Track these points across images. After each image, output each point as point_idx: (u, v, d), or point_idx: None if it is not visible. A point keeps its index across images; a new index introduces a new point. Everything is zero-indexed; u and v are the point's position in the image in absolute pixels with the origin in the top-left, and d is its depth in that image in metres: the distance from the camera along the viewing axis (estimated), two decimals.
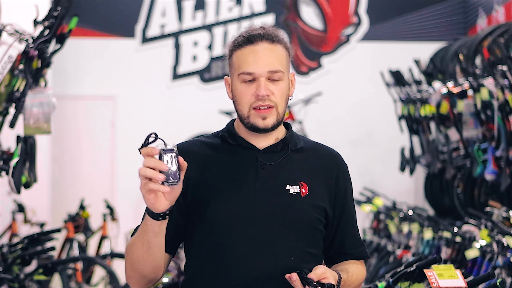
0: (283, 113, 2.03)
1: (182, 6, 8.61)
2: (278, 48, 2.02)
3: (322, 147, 2.14)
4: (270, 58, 2.00)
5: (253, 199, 1.99)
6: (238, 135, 2.07)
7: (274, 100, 2.00)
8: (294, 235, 2.00)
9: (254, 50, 2.00)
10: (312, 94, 7.99)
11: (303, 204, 2.01)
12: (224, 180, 2.01)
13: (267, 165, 2.03)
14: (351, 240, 2.13)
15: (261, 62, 1.99)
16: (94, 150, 8.50)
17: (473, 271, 4.17)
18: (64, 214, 6.95)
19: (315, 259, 2.04)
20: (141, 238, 1.93)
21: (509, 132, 4.89)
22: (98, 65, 8.52)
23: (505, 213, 4.57)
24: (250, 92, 1.99)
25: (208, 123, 7.98)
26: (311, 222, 2.02)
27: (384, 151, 8.11)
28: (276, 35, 2.03)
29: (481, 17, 7.74)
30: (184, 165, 1.83)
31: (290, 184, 2.02)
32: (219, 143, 2.08)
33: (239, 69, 2.01)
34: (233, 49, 2.03)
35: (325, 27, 8.71)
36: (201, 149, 2.07)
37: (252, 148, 2.05)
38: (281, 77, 2.01)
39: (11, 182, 4.09)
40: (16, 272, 4.29)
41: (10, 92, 4.09)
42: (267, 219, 1.98)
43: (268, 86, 1.99)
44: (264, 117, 1.99)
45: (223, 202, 1.97)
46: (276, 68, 2.00)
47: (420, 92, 6.71)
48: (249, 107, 2.00)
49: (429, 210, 7.13)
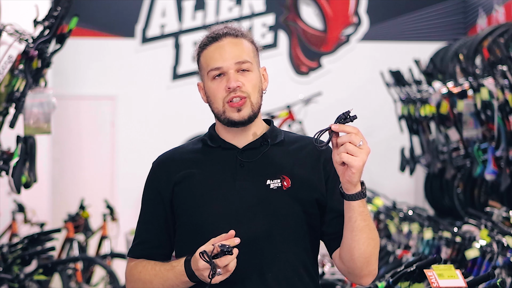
0: (258, 105, 2.05)
1: (182, 6, 8.61)
2: (242, 42, 2.05)
3: (304, 138, 2.14)
4: (236, 50, 2.03)
5: (234, 198, 2.00)
6: (218, 137, 2.09)
7: (246, 91, 2.02)
8: (279, 230, 2.00)
9: (219, 46, 2.04)
10: (312, 94, 7.99)
11: (286, 197, 2.01)
12: (205, 183, 2.03)
13: (246, 163, 2.04)
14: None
15: (227, 55, 2.02)
16: (94, 150, 8.50)
17: (473, 271, 4.17)
18: (64, 214, 6.96)
19: (305, 252, 2.03)
20: (165, 284, 1.99)
21: (509, 132, 4.89)
22: (98, 65, 8.52)
23: (505, 213, 4.57)
24: (221, 87, 2.02)
25: (208, 123, 7.94)
26: (295, 215, 2.01)
27: (384, 151, 8.10)
28: (239, 31, 2.07)
29: (481, 17, 7.74)
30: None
31: (271, 179, 2.02)
32: (200, 147, 2.11)
33: (207, 67, 2.04)
34: (200, 51, 2.07)
35: (325, 27, 8.71)
36: (182, 155, 2.10)
37: (232, 148, 2.07)
38: (250, 68, 2.03)
39: (11, 182, 4.09)
40: (16, 272, 4.29)
41: (10, 92, 4.09)
42: (250, 217, 1.99)
43: (237, 77, 2.01)
44: (239, 109, 2.01)
45: (206, 205, 1.98)
46: (243, 59, 2.02)
47: (420, 92, 6.72)
48: (223, 102, 2.02)
49: (429, 210, 7.13)
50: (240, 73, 2.02)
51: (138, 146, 8.36)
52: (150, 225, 2.09)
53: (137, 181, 8.41)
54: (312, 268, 2.06)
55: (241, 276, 1.96)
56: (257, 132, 2.08)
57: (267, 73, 2.12)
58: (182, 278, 1.94)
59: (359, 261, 1.97)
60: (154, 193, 2.08)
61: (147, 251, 2.06)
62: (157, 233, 2.07)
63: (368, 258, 1.97)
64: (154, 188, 2.09)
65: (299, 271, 2.02)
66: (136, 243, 2.10)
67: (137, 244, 2.10)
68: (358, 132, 1.87)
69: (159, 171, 2.10)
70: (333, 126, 1.87)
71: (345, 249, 1.99)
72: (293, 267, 2.01)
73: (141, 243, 2.09)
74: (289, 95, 8.14)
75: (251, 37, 2.09)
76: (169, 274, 1.98)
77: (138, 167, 8.14)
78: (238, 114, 2.01)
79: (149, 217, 2.10)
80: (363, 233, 1.94)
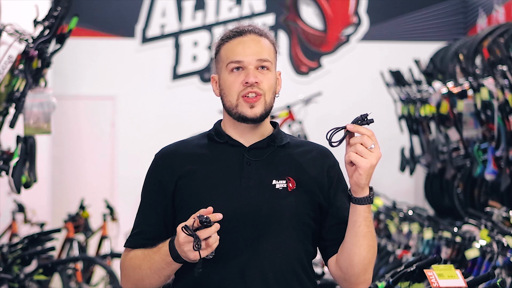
0: (270, 105, 2.05)
1: (182, 6, 8.61)
2: (265, 41, 2.06)
3: (310, 143, 2.15)
4: (258, 47, 2.03)
5: (239, 196, 2.00)
6: (225, 133, 2.08)
7: (263, 88, 2.02)
8: (282, 230, 2.00)
9: (243, 40, 2.04)
10: (312, 94, 7.99)
11: (290, 198, 2.01)
12: (210, 178, 2.02)
13: (253, 161, 2.03)
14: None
15: (250, 51, 2.02)
16: (94, 150, 8.50)
17: (473, 271, 4.17)
18: (64, 214, 6.96)
19: (305, 254, 2.03)
20: (152, 267, 1.98)
21: (509, 132, 4.89)
22: (98, 65, 8.52)
23: (505, 213, 4.57)
24: (238, 80, 2.02)
25: (208, 123, 7.94)
26: (299, 216, 2.01)
27: (384, 151, 8.06)
28: (263, 30, 2.08)
29: (481, 17, 7.74)
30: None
31: (277, 179, 2.02)
32: (206, 142, 2.10)
33: (227, 60, 2.04)
34: (221, 43, 2.07)
35: (325, 27, 8.71)
36: (187, 149, 2.09)
37: (238, 146, 2.06)
38: (269, 67, 2.04)
39: (11, 182, 4.09)
40: (16, 272, 4.29)
41: (10, 92, 4.09)
42: (254, 215, 1.99)
43: (256, 74, 2.01)
44: (252, 105, 2.01)
45: (210, 201, 1.96)
46: (264, 57, 2.03)
47: (420, 92, 6.72)
48: (238, 96, 2.02)
49: (429, 210, 7.13)
50: (259, 71, 2.03)
51: (138, 146, 8.36)
52: (148, 217, 2.07)
53: (137, 181, 8.39)
54: (310, 270, 2.07)
55: (242, 275, 1.96)
56: (264, 133, 2.08)
57: (281, 78, 2.12)
58: (167, 259, 1.92)
59: (358, 267, 1.98)
60: (156, 185, 2.06)
61: (143, 242, 2.04)
62: (156, 225, 2.05)
63: (366, 265, 1.98)
64: (156, 180, 2.07)
65: (298, 272, 2.02)
66: (133, 233, 2.08)
67: (134, 234, 2.08)
68: (372, 135, 1.89)
69: (163, 163, 2.08)
70: (348, 126, 1.89)
71: (345, 254, 1.99)
72: (293, 268, 2.01)
73: (138, 234, 2.07)
74: (289, 95, 8.14)
75: (273, 38, 2.09)
76: (155, 256, 1.96)
77: (138, 167, 8.14)
78: (251, 110, 2.01)
79: (148, 209, 2.08)
80: (365, 239, 1.95)
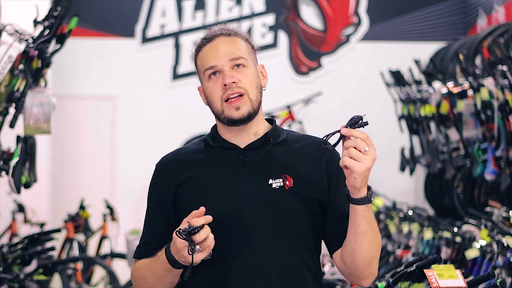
0: (257, 101, 2.04)
1: (182, 6, 8.61)
2: (236, 40, 2.06)
3: (307, 137, 2.14)
4: (229, 48, 2.04)
5: (237, 197, 2.00)
6: (220, 137, 2.09)
7: (243, 87, 2.01)
8: (281, 230, 1.99)
9: (213, 45, 2.05)
10: (312, 94, 7.99)
11: (288, 197, 2.01)
12: (207, 183, 2.03)
13: (249, 162, 2.04)
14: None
15: (221, 53, 2.03)
16: (94, 150, 8.50)
17: (473, 271, 4.17)
18: (64, 214, 6.96)
19: (307, 252, 2.03)
20: (155, 276, 2.00)
21: (509, 132, 4.89)
22: (98, 65, 8.52)
23: (505, 213, 4.57)
24: (218, 85, 2.02)
25: (208, 123, 7.94)
26: (297, 214, 2.01)
27: (384, 151, 8.10)
28: (231, 30, 2.08)
29: (481, 17, 7.74)
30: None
31: (273, 178, 2.02)
32: (202, 148, 2.11)
33: (203, 68, 2.05)
34: (196, 54, 2.09)
35: (325, 27, 8.71)
36: (185, 156, 2.10)
37: (233, 148, 2.06)
38: (245, 63, 2.04)
39: (11, 182, 4.09)
40: (16, 272, 4.29)
41: (10, 92, 4.09)
42: (252, 216, 1.99)
43: (232, 74, 2.01)
44: (237, 107, 2.01)
45: (208, 205, 1.95)
46: (236, 55, 2.03)
47: (420, 92, 6.72)
48: (221, 101, 2.02)
49: (429, 210, 7.13)
50: (236, 70, 2.02)
51: (138, 146, 8.36)
52: (153, 227, 2.10)
53: (137, 181, 8.41)
54: (315, 268, 2.06)
55: (244, 276, 1.97)
56: (258, 131, 2.08)
57: (265, 71, 2.11)
58: (166, 266, 1.94)
59: (361, 264, 1.98)
60: (157, 195, 2.09)
61: (149, 252, 2.06)
62: (160, 234, 2.07)
63: (369, 261, 1.98)
64: (157, 190, 2.10)
65: (302, 270, 2.02)
66: (140, 244, 2.12)
67: (141, 245, 2.12)
68: (366, 138, 1.88)
69: (162, 173, 2.10)
70: (342, 129, 1.88)
71: (347, 250, 1.99)
72: (296, 267, 2.01)
73: (145, 244, 2.11)
74: (289, 95, 8.14)
75: (244, 35, 2.09)
76: (156, 265, 1.98)
77: (138, 167, 8.16)
78: (237, 112, 2.01)
79: (153, 219, 2.11)
80: (366, 236, 1.95)
